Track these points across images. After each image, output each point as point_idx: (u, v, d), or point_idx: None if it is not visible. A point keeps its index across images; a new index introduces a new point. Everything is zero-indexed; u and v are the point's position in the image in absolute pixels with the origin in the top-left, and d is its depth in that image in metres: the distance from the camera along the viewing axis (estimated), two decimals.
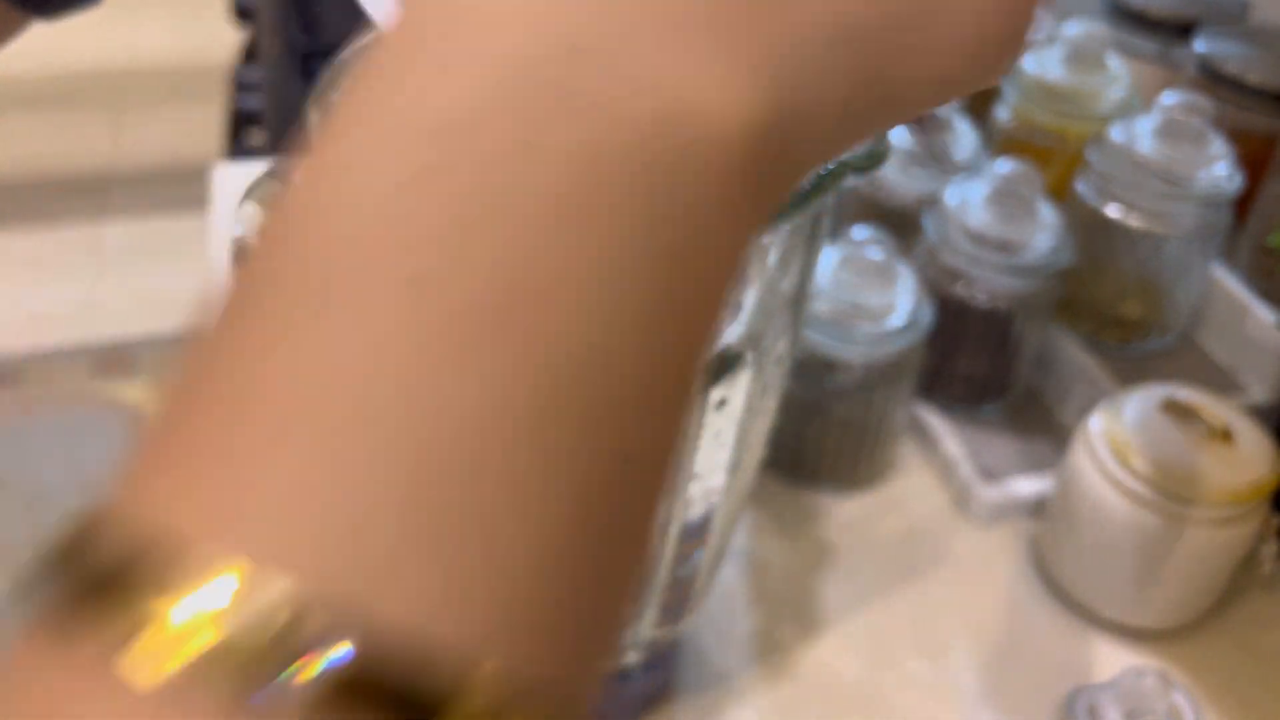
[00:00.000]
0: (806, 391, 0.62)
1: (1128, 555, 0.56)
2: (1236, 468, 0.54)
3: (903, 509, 0.65)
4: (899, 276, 0.61)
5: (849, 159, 0.36)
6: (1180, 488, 0.53)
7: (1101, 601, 0.58)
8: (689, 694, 0.54)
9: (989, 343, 0.66)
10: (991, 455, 0.67)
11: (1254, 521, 0.55)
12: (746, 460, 0.45)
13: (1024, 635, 0.58)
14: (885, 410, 0.63)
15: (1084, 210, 0.68)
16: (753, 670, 0.56)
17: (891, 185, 0.72)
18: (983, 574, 0.61)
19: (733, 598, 0.59)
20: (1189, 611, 0.58)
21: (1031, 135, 0.74)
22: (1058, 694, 0.55)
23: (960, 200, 0.65)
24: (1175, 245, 0.66)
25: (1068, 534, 0.59)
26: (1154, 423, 0.56)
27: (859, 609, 0.59)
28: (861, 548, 0.63)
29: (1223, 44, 0.74)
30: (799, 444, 0.64)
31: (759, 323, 0.39)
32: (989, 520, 0.64)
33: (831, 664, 0.56)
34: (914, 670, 0.56)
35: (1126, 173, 0.65)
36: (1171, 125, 0.65)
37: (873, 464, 0.65)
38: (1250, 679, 0.57)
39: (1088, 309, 0.70)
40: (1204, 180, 0.64)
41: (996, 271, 0.63)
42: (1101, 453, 0.56)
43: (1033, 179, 0.64)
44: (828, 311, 0.60)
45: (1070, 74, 0.73)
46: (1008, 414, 0.70)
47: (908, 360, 0.62)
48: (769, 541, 0.62)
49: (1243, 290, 0.70)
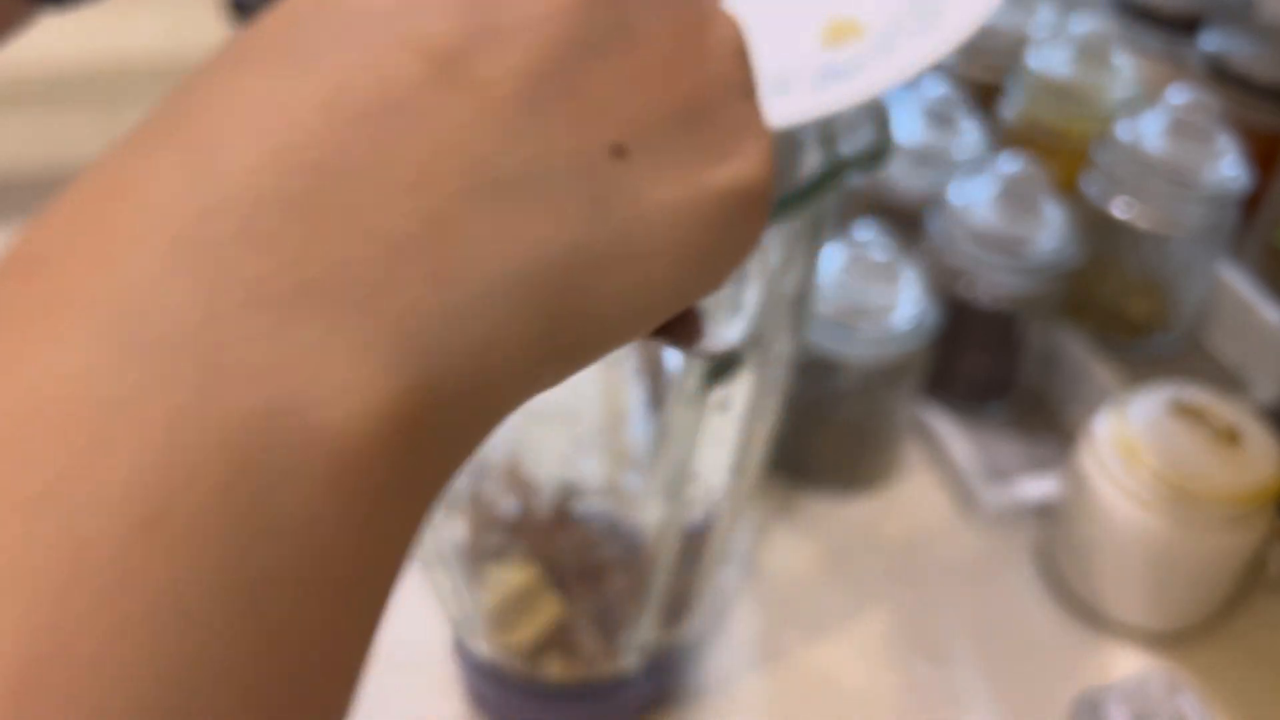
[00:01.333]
0: (809, 392, 0.62)
1: (1134, 557, 0.56)
2: (1244, 469, 0.54)
3: (907, 511, 0.65)
4: (903, 276, 0.61)
5: (851, 157, 0.36)
6: (1187, 489, 0.53)
7: (1108, 604, 0.58)
8: (690, 697, 0.54)
9: (994, 343, 0.66)
10: (997, 456, 0.66)
11: (1261, 523, 0.55)
12: (749, 461, 0.45)
13: (1030, 638, 0.58)
14: (889, 411, 0.62)
15: (1090, 208, 0.67)
16: (755, 674, 0.55)
17: (895, 184, 0.72)
18: (988, 576, 0.61)
19: (734, 600, 0.59)
20: (1196, 614, 0.58)
21: (1037, 133, 0.74)
22: (1064, 697, 0.54)
23: (965, 199, 0.64)
24: (1182, 244, 0.66)
25: (1074, 536, 0.58)
26: (1161, 423, 0.56)
27: (863, 612, 0.59)
28: (865, 550, 0.62)
29: (1230, 40, 0.74)
30: (802, 445, 0.64)
31: (761, 323, 0.39)
32: (994, 522, 0.64)
33: (834, 668, 0.56)
34: (918, 674, 0.56)
35: (1133, 171, 0.64)
36: (1178, 123, 0.64)
37: (876, 465, 0.65)
38: (1257, 681, 0.56)
39: (1093, 308, 0.69)
40: (1211, 178, 0.64)
41: (1001, 271, 0.63)
42: (1107, 454, 0.56)
43: (1038, 177, 0.64)
44: (831, 312, 0.60)
45: (1076, 71, 0.73)
46: (1013, 415, 0.69)
47: (912, 360, 0.61)
48: (772, 544, 0.62)
49: (1250, 289, 0.70)
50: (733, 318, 0.38)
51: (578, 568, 0.46)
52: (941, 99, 0.71)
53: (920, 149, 0.70)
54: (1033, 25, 0.81)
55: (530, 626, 0.48)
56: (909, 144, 0.71)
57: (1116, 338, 0.70)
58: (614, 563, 0.46)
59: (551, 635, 0.48)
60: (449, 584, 0.47)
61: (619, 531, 0.45)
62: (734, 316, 0.38)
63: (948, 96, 0.71)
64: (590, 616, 0.47)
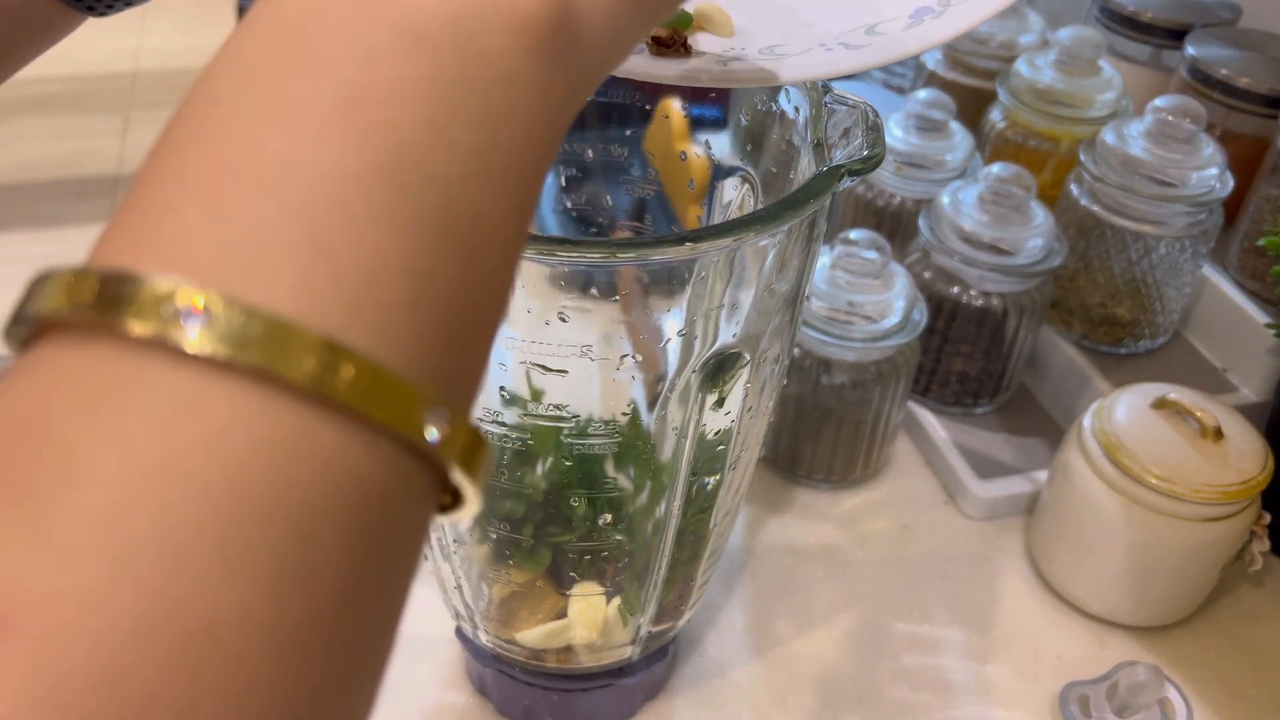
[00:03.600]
0: (803, 390, 0.63)
1: (1120, 552, 0.56)
2: (1227, 466, 0.55)
3: (897, 506, 0.66)
4: (894, 277, 0.62)
5: (844, 162, 0.37)
6: (1172, 485, 0.54)
7: (1094, 597, 0.59)
8: (687, 687, 0.55)
9: (983, 343, 0.67)
10: (985, 453, 0.67)
11: (1245, 518, 0.56)
12: (744, 458, 0.46)
13: (1017, 631, 0.59)
14: (880, 409, 0.63)
15: (1076, 212, 0.68)
16: (750, 664, 0.56)
17: (886, 188, 0.73)
18: (977, 570, 0.62)
19: (730, 593, 0.60)
20: (1181, 607, 0.59)
21: (1025, 138, 0.75)
22: (1051, 689, 0.55)
23: (954, 202, 0.65)
24: (1166, 247, 0.67)
25: (1060, 531, 0.59)
26: (1146, 421, 0.56)
27: (854, 604, 0.60)
28: (857, 544, 0.63)
29: (1213, 48, 0.75)
30: (795, 442, 0.65)
31: (756, 323, 0.40)
32: (983, 517, 0.65)
33: (827, 658, 0.57)
34: (908, 664, 0.57)
35: (1118, 175, 0.65)
36: (1163, 128, 0.65)
37: (868, 462, 0.66)
38: (1241, 673, 0.57)
39: (1080, 309, 0.70)
40: (1195, 182, 0.65)
41: (990, 272, 0.64)
42: (1094, 451, 0.56)
43: (1025, 181, 0.65)
44: (824, 312, 0.60)
45: (1063, 78, 0.74)
46: (1001, 413, 0.70)
47: (902, 360, 0.62)
48: (766, 538, 0.63)
49: (1233, 291, 0.71)
50: (729, 318, 0.39)
51: (579, 561, 0.47)
52: (932, 105, 0.72)
53: (912, 154, 0.71)
54: (1022, 34, 0.82)
55: (533, 621, 0.48)
56: (901, 149, 0.72)
57: (1102, 338, 0.71)
58: (613, 556, 0.47)
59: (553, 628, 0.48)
60: (453, 579, 0.48)
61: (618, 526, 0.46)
62: (730, 317, 0.39)
63: (938, 102, 0.72)
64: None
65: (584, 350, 0.37)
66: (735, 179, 0.48)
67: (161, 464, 0.16)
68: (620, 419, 0.41)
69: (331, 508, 0.17)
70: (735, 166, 0.48)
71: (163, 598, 0.15)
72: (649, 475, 0.43)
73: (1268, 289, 0.70)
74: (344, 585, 0.17)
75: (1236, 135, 0.74)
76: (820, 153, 0.40)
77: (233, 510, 0.16)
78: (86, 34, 0.42)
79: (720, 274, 0.37)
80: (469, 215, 0.19)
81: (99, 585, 0.15)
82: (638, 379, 0.39)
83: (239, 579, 0.16)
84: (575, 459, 0.42)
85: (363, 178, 0.18)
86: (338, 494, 0.17)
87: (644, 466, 0.43)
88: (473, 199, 0.19)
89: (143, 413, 0.16)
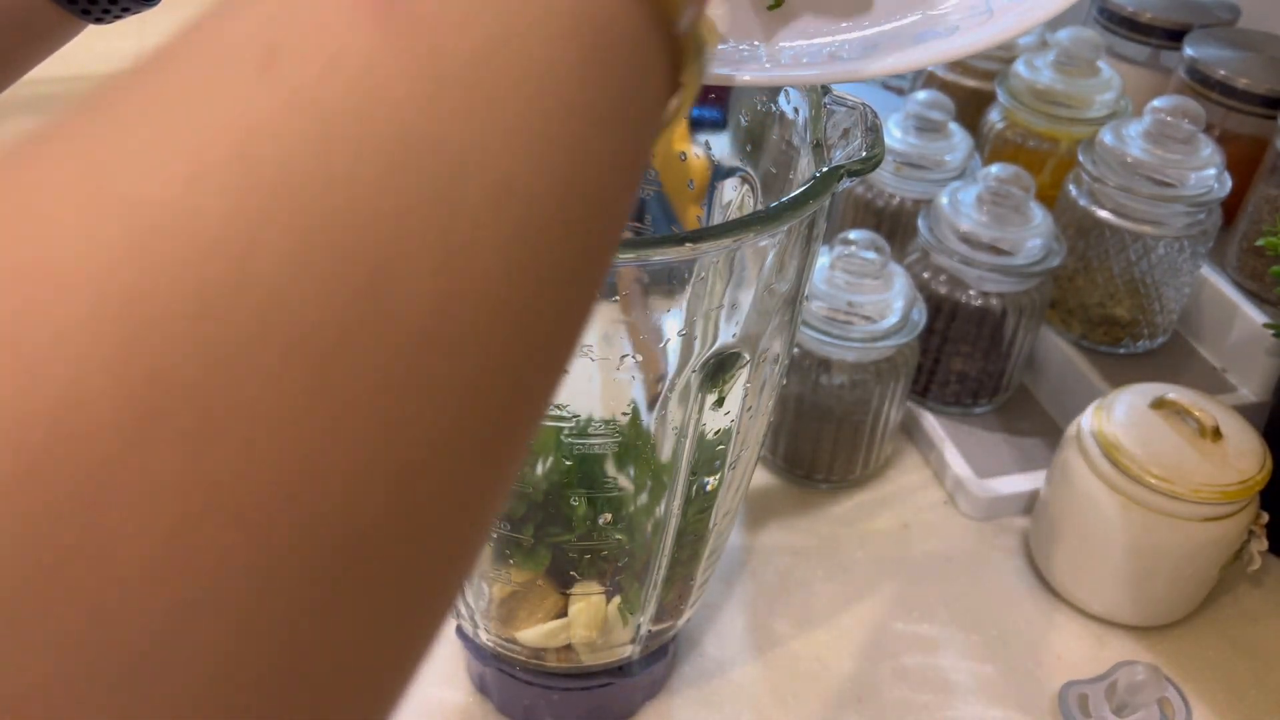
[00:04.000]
0: (803, 390, 0.63)
1: (1118, 552, 0.57)
2: (1225, 465, 0.55)
3: (897, 506, 0.66)
4: (893, 278, 0.62)
5: (844, 162, 0.37)
6: (1170, 485, 0.54)
7: (1093, 597, 0.59)
8: (687, 686, 0.55)
9: (982, 343, 0.67)
10: (984, 453, 0.67)
11: (1243, 518, 0.56)
12: (744, 458, 0.46)
13: (1016, 630, 0.59)
14: (880, 409, 0.63)
15: (1075, 212, 0.68)
16: (750, 663, 0.56)
17: (886, 188, 0.73)
18: (976, 570, 0.62)
19: (730, 592, 0.60)
20: (1179, 607, 0.59)
21: (1024, 139, 0.75)
22: (1050, 688, 0.55)
23: (953, 203, 0.65)
24: (1165, 247, 0.67)
25: (1059, 530, 0.59)
26: (1144, 421, 0.57)
27: (854, 604, 0.60)
28: (856, 544, 0.63)
29: (1212, 49, 0.75)
30: (795, 442, 0.65)
31: (756, 323, 0.40)
32: (982, 517, 0.65)
33: (827, 657, 0.57)
34: (907, 664, 0.57)
35: (1117, 176, 0.66)
36: (1162, 129, 0.65)
37: (868, 462, 0.66)
38: (1240, 672, 0.57)
39: (1079, 310, 0.71)
40: (1194, 183, 0.65)
41: (989, 273, 0.64)
42: (1092, 451, 0.57)
43: (1024, 182, 0.65)
44: (823, 312, 0.61)
45: (1062, 79, 0.74)
46: (1000, 413, 0.70)
47: (902, 360, 0.62)
48: (766, 538, 0.63)
49: (1232, 291, 0.71)
50: (729, 318, 0.39)
51: (579, 560, 0.47)
52: (931, 105, 0.72)
53: (911, 154, 0.72)
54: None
55: (533, 621, 0.48)
56: (900, 149, 0.72)
57: (1101, 338, 0.71)
58: (614, 555, 0.47)
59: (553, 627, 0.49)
60: None
61: (618, 525, 0.46)
62: (730, 317, 0.39)
63: (937, 103, 0.72)
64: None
65: (584, 350, 0.37)
66: (735, 179, 0.48)
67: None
68: (620, 419, 0.41)
69: (604, 73, 0.18)
70: (735, 167, 0.48)
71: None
72: (649, 475, 0.43)
73: (1266, 289, 0.70)
74: (603, 152, 0.18)
75: (1235, 136, 0.74)
76: (820, 153, 0.40)
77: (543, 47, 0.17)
78: (86, 34, 0.43)
79: (720, 274, 0.37)
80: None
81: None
82: (638, 379, 0.40)
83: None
84: (575, 459, 0.42)
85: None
86: (615, 65, 0.18)
87: (644, 466, 0.43)
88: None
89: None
